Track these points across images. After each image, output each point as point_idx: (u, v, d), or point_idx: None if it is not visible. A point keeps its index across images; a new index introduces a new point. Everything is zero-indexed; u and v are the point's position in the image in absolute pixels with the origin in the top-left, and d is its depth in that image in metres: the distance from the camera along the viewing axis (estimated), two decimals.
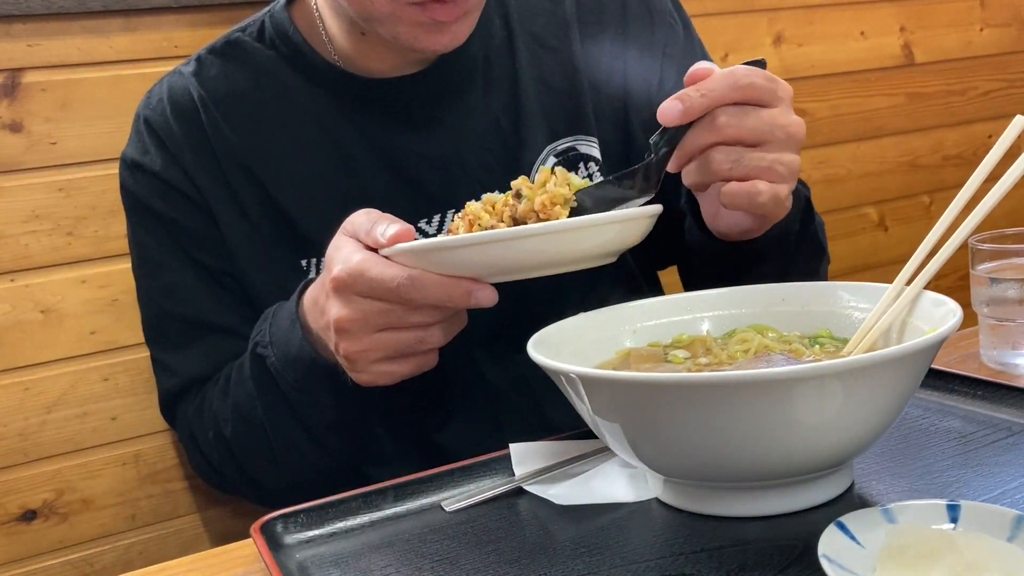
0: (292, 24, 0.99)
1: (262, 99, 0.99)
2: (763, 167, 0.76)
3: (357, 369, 0.79)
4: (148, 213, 1.00)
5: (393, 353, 0.78)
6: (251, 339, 0.90)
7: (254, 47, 1.00)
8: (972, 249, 0.95)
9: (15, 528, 1.20)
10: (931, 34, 1.92)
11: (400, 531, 0.72)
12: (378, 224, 0.75)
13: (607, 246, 0.75)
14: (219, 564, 0.73)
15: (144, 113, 1.01)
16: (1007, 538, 0.55)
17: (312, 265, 0.98)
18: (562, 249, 0.72)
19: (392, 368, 0.79)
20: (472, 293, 0.73)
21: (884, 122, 1.88)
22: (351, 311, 0.75)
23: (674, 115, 0.74)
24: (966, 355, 0.98)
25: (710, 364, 0.74)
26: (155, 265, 1.01)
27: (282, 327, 0.86)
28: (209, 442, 0.98)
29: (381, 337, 0.76)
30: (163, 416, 1.07)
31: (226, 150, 0.98)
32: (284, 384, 0.86)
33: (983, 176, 0.70)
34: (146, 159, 0.99)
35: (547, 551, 0.65)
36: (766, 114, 0.76)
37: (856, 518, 0.58)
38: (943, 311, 0.67)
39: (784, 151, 0.77)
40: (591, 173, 1.02)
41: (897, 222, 1.92)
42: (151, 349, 1.06)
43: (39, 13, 1.17)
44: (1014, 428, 0.75)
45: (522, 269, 0.73)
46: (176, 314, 1.01)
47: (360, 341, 0.77)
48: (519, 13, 1.03)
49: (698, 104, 0.74)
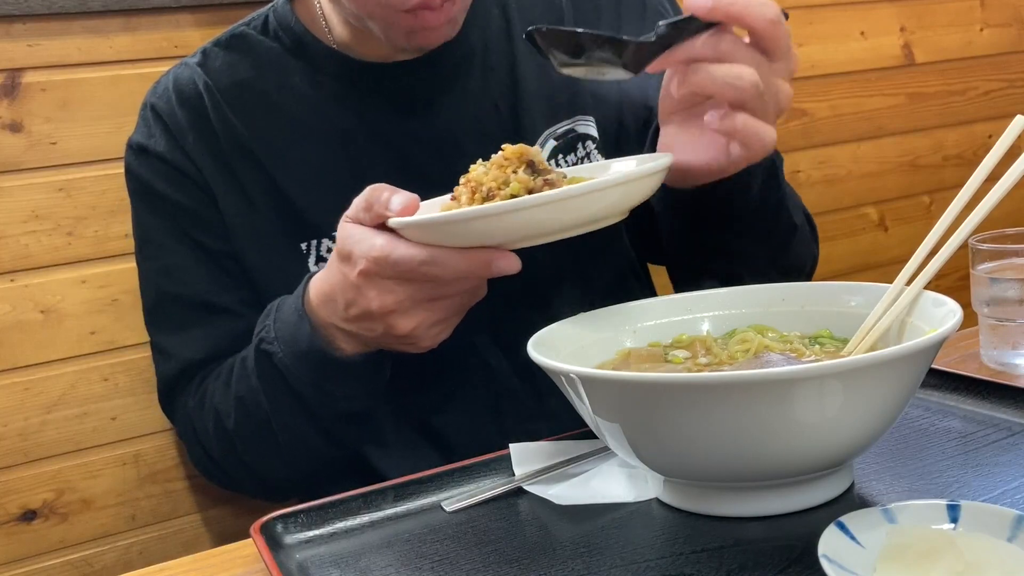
0: (295, 16, 1.02)
1: (265, 87, 1.01)
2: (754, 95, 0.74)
3: (415, 341, 0.80)
4: (151, 194, 1.02)
5: (449, 315, 0.80)
6: (255, 335, 0.90)
7: (258, 39, 1.03)
8: (972, 249, 0.95)
9: (15, 528, 1.20)
10: (931, 34, 1.92)
11: (400, 531, 0.72)
12: (379, 197, 0.76)
13: (619, 205, 0.75)
14: (219, 564, 0.74)
15: (151, 100, 1.03)
16: (1007, 538, 0.55)
17: (312, 248, 0.99)
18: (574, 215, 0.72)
19: (447, 327, 0.81)
20: (492, 263, 0.73)
21: (884, 122, 1.88)
22: (391, 296, 0.76)
23: (703, 7, 0.73)
24: (966, 355, 0.98)
25: (710, 364, 0.74)
26: (156, 246, 1.02)
27: (288, 322, 0.86)
28: (210, 435, 0.98)
29: (431, 307, 0.78)
30: (162, 409, 1.07)
31: (229, 134, 0.99)
32: (292, 379, 0.87)
33: (983, 176, 0.70)
34: (151, 142, 1.01)
35: (547, 551, 0.65)
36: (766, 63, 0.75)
37: (856, 518, 0.58)
38: (943, 311, 0.67)
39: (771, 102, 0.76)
40: (588, 152, 1.03)
41: (897, 222, 1.92)
42: (151, 335, 1.06)
43: (39, 13, 1.17)
44: (1014, 428, 0.75)
45: (538, 235, 0.73)
46: (175, 295, 1.01)
47: (412, 319, 0.78)
48: (517, 4, 1.05)
49: (726, 9, 0.73)
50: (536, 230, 0.73)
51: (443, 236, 0.73)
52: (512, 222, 0.71)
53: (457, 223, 0.72)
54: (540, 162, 0.78)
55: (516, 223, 0.71)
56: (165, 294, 1.02)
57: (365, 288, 0.77)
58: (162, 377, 1.05)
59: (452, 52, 0.99)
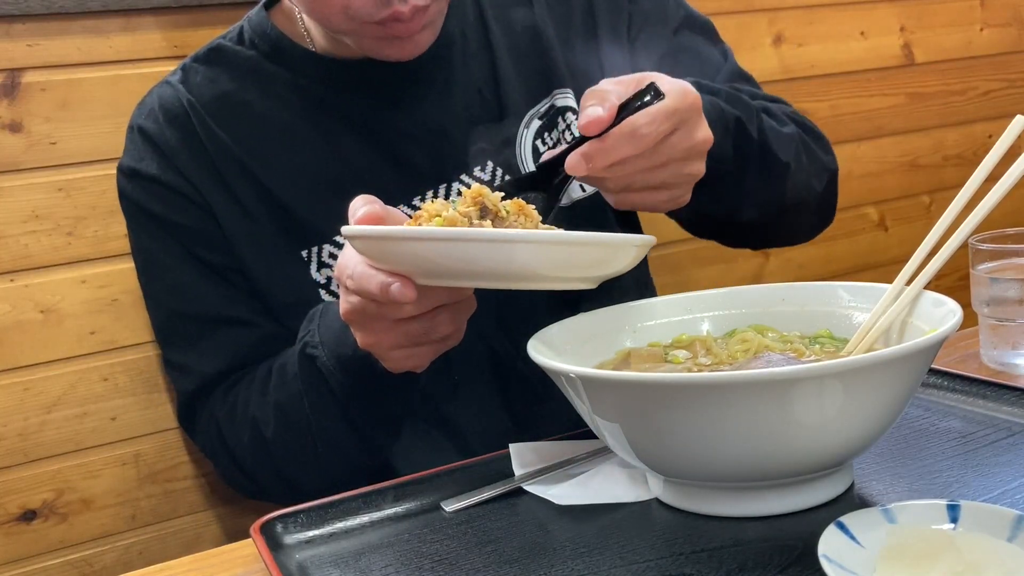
0: (270, 23, 1.02)
1: (248, 98, 1.00)
2: (657, 182, 0.78)
3: (382, 359, 0.80)
4: (148, 217, 1.01)
5: (405, 342, 0.77)
6: (299, 339, 0.90)
7: (235, 50, 1.02)
8: (972, 249, 0.95)
9: (15, 528, 1.20)
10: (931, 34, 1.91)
11: (400, 531, 0.72)
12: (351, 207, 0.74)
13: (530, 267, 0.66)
14: (219, 564, 0.74)
15: (137, 122, 1.03)
16: (1007, 538, 0.55)
17: (313, 255, 0.99)
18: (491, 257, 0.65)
19: (411, 355, 0.79)
20: (388, 286, 0.69)
21: (884, 122, 1.88)
22: (350, 307, 0.76)
23: (580, 170, 0.75)
24: (966, 355, 0.98)
25: (710, 364, 0.74)
26: (160, 268, 1.02)
27: (332, 327, 0.86)
28: (244, 445, 0.98)
29: (386, 328, 0.77)
30: (181, 424, 1.07)
31: (219, 149, 0.99)
32: (335, 383, 0.87)
33: (983, 176, 0.70)
34: (142, 165, 1.01)
35: (547, 551, 0.65)
36: (663, 144, 0.76)
37: (856, 518, 0.58)
38: (943, 311, 0.67)
39: (682, 167, 0.79)
40: (569, 124, 1.03)
41: (897, 222, 1.92)
42: (166, 354, 1.06)
43: (39, 13, 1.17)
44: (1014, 428, 0.75)
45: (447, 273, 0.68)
46: (186, 313, 1.01)
47: (365, 335, 0.77)
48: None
49: (600, 167, 0.75)
50: (443, 268, 0.67)
51: (370, 251, 0.70)
52: (411, 249, 0.66)
53: (371, 239, 0.68)
54: (495, 207, 0.70)
55: (417, 251, 0.66)
56: (175, 312, 1.02)
57: (341, 296, 0.77)
58: (182, 393, 1.04)
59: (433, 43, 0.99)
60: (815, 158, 1.03)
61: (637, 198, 0.80)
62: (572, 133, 1.03)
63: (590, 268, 0.70)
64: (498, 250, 0.64)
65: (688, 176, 0.80)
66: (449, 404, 1.01)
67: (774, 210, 0.98)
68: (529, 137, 1.03)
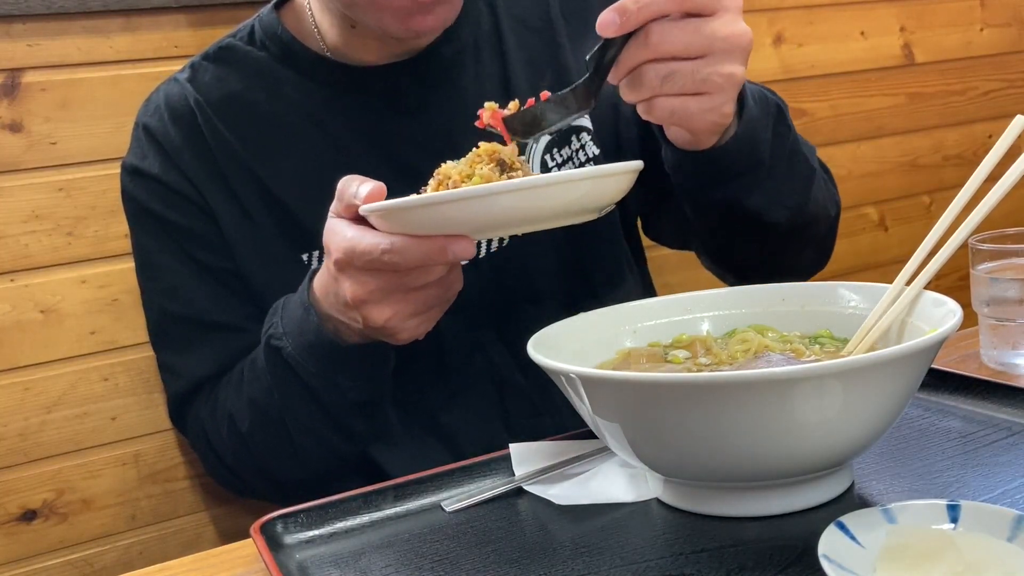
0: (281, 24, 1.01)
1: (256, 99, 1.00)
2: (698, 80, 0.74)
3: (392, 333, 0.79)
4: (149, 216, 1.01)
5: (422, 308, 0.78)
6: (263, 333, 0.90)
7: (245, 50, 1.02)
8: (972, 249, 0.95)
9: (15, 528, 1.20)
10: (931, 34, 1.92)
11: (400, 531, 0.72)
12: (348, 188, 0.76)
13: (582, 201, 0.74)
14: (219, 564, 0.74)
15: (143, 120, 1.03)
16: (1007, 538, 0.55)
17: (314, 258, 0.99)
18: (536, 205, 0.72)
19: (424, 320, 0.80)
20: (448, 248, 0.72)
21: (884, 122, 1.88)
22: (362, 287, 0.76)
23: (611, 27, 0.73)
24: (966, 355, 0.98)
25: (710, 364, 0.74)
26: (157, 268, 1.02)
27: (295, 316, 0.86)
28: (223, 441, 0.98)
29: (405, 299, 0.77)
30: (173, 424, 1.08)
31: (224, 150, 0.99)
32: (303, 372, 0.87)
33: (983, 176, 0.70)
34: (145, 163, 1.01)
35: (547, 551, 0.65)
36: (705, 26, 0.73)
37: (856, 518, 0.58)
38: (943, 311, 0.67)
39: (723, 63, 0.75)
40: (583, 144, 1.03)
41: (897, 222, 1.92)
42: (157, 354, 1.06)
43: (39, 13, 1.17)
44: (1014, 428, 0.75)
45: (494, 225, 0.74)
46: (179, 315, 1.01)
47: (383, 310, 0.77)
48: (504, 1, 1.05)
49: (635, 16, 0.73)
50: (491, 219, 0.72)
51: (405, 222, 0.73)
52: (466, 209, 0.71)
53: (414, 208, 0.72)
54: (512, 160, 0.77)
55: (470, 209, 0.71)
56: (169, 314, 1.02)
57: (341, 279, 0.77)
58: (172, 395, 1.05)
59: (444, 50, 0.99)
60: (830, 183, 1.02)
61: (678, 103, 0.76)
62: (586, 152, 1.03)
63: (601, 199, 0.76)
64: (538, 195, 0.71)
65: (729, 76, 0.75)
66: (446, 414, 1.01)
67: (799, 217, 0.94)
68: (538, 151, 1.02)
